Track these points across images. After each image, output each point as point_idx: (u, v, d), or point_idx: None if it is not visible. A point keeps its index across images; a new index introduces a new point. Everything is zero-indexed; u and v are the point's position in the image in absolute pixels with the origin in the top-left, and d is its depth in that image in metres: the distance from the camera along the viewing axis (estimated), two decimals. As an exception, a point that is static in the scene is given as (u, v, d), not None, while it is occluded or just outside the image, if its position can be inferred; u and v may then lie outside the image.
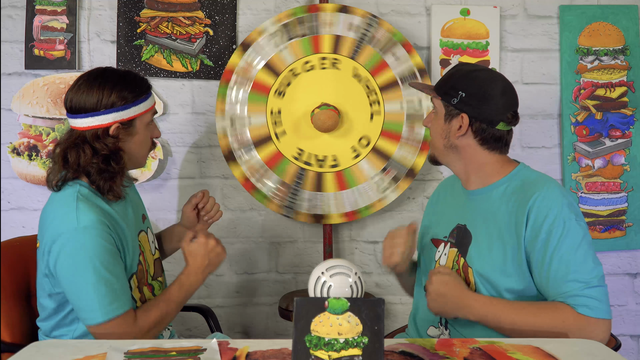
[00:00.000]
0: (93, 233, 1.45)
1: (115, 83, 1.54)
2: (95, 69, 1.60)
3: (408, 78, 2.25)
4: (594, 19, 2.39)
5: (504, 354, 1.23)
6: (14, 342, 1.63)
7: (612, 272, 2.48)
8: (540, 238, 1.41)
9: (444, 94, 1.54)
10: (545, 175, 1.53)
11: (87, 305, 1.46)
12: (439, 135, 1.57)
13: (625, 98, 2.41)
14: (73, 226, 1.45)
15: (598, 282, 1.38)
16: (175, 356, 1.21)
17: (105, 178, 1.53)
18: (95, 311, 1.45)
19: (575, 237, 1.40)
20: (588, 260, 1.40)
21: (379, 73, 2.24)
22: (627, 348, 2.51)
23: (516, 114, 1.53)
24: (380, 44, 2.24)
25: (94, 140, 1.53)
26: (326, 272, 1.23)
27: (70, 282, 1.47)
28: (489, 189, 1.54)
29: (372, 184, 2.26)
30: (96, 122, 1.53)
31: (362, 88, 2.25)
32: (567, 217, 1.41)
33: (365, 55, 2.24)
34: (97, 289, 1.45)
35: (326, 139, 2.25)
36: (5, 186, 2.34)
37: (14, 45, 2.32)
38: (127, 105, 1.54)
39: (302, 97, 2.25)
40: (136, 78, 1.59)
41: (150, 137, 1.65)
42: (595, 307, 1.36)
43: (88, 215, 1.46)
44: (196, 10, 2.32)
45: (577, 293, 1.37)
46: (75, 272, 1.46)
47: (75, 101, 1.54)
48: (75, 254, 1.45)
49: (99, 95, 1.52)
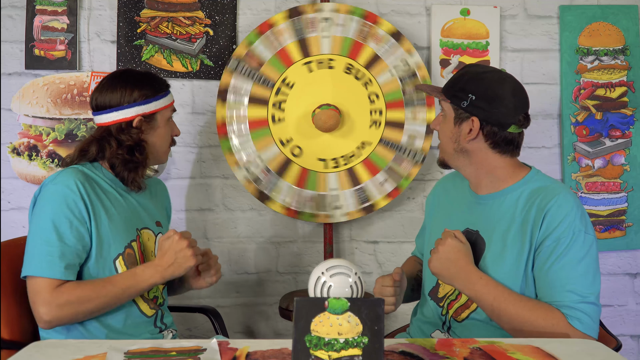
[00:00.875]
0: (60, 193, 1.53)
1: (137, 81, 1.66)
2: (117, 71, 1.75)
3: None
4: (594, 19, 2.39)
5: (504, 354, 1.23)
6: (13, 340, 1.64)
7: (612, 272, 2.47)
8: (547, 244, 1.41)
9: (453, 96, 1.51)
10: (559, 182, 1.52)
11: (27, 254, 1.53)
12: (449, 139, 1.53)
13: (625, 98, 2.41)
14: (47, 182, 1.56)
15: (594, 299, 1.38)
16: (175, 356, 1.21)
17: (129, 169, 1.64)
18: (26, 263, 1.52)
19: (581, 249, 1.39)
20: (589, 275, 1.39)
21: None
22: (627, 348, 2.51)
23: (527, 116, 1.50)
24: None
25: (119, 132, 1.64)
26: (326, 272, 1.23)
27: (29, 230, 1.56)
28: (501, 193, 1.51)
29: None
30: (120, 116, 1.64)
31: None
32: (578, 229, 1.40)
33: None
34: (36, 243, 1.51)
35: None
36: (5, 186, 2.34)
37: (14, 45, 2.32)
38: (148, 100, 1.66)
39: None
40: (155, 77, 1.72)
41: (171, 134, 1.74)
42: (586, 323, 1.36)
43: (65, 178, 1.55)
44: (196, 10, 2.32)
45: (572, 305, 1.37)
46: (32, 220, 1.55)
47: (100, 100, 1.65)
48: (38, 206, 1.55)
49: (122, 92, 1.64)
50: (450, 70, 2.35)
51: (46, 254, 1.49)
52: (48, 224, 1.51)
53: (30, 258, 1.51)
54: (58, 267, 1.49)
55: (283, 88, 2.25)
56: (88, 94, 2.28)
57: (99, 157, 1.65)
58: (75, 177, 1.55)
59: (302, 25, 2.24)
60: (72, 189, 1.53)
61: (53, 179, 1.55)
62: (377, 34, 2.25)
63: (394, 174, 2.26)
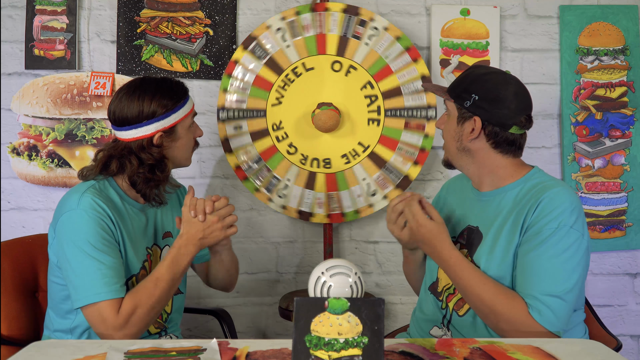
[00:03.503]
0: (89, 215, 1.49)
1: (155, 92, 1.60)
2: (133, 80, 1.66)
3: (412, 85, 2.25)
4: (594, 19, 2.39)
5: (504, 354, 1.23)
6: (12, 336, 1.65)
7: (612, 272, 2.48)
8: (531, 231, 1.42)
9: (457, 96, 1.54)
10: (560, 180, 1.53)
11: (76, 285, 1.48)
12: (452, 138, 1.57)
13: (625, 98, 2.41)
14: (72, 207, 1.51)
15: (562, 294, 1.37)
16: (175, 356, 1.21)
17: (151, 187, 1.61)
18: (81, 293, 1.46)
19: (561, 243, 1.39)
20: (564, 270, 1.39)
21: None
22: (627, 348, 2.51)
23: (530, 118, 1.53)
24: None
25: (140, 151, 1.60)
26: (326, 272, 1.23)
27: (65, 261, 1.50)
28: (501, 190, 1.54)
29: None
30: (140, 133, 1.59)
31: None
32: (564, 223, 1.40)
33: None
34: (83, 270, 1.47)
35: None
36: (5, 186, 2.34)
37: (14, 45, 2.32)
38: (167, 114, 1.60)
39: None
40: (172, 84, 1.66)
41: (193, 137, 1.71)
42: (546, 316, 1.36)
43: (89, 200, 1.51)
44: (196, 10, 2.32)
45: (536, 296, 1.37)
46: (66, 249, 1.49)
47: (118, 113, 1.60)
48: (70, 233, 1.49)
49: (139, 106, 1.59)
50: (450, 70, 2.35)
51: (100, 277, 1.46)
52: (88, 248, 1.47)
53: (82, 286, 1.46)
54: (114, 286, 1.47)
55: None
56: (88, 93, 2.28)
57: (118, 173, 1.61)
58: (99, 199, 1.52)
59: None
60: (99, 210, 1.51)
61: (76, 203, 1.51)
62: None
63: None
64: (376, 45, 2.25)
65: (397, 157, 2.25)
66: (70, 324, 1.59)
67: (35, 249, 1.81)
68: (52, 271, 1.60)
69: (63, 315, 1.60)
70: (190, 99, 1.69)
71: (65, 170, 2.30)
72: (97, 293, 1.45)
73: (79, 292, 1.47)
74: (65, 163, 2.30)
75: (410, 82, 2.24)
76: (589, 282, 2.45)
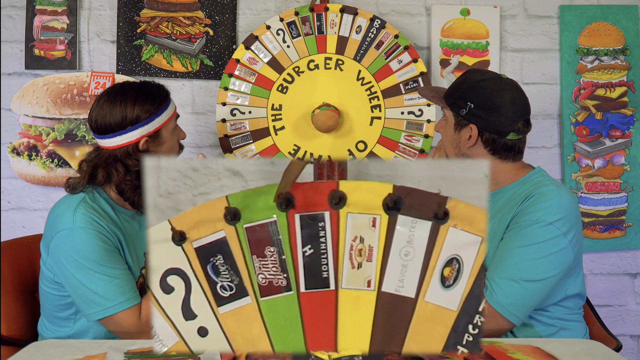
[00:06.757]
0: (88, 233, 1.48)
1: (136, 97, 1.57)
2: (113, 86, 1.63)
3: (410, 83, 2.25)
4: (594, 19, 2.39)
5: (504, 354, 1.23)
6: (11, 336, 1.65)
7: (612, 272, 2.47)
8: (513, 222, 1.44)
9: (453, 104, 1.53)
10: (559, 182, 1.54)
11: (91, 300, 1.46)
12: (450, 145, 1.57)
13: (625, 98, 2.41)
14: (68, 226, 1.48)
15: (520, 280, 1.37)
16: (175, 356, 1.21)
17: (139, 194, 1.56)
18: (96, 306, 1.46)
19: (535, 236, 1.39)
20: (528, 260, 1.39)
21: (382, 78, 2.25)
22: (627, 348, 2.50)
23: (528, 122, 1.52)
24: (385, 48, 2.24)
25: (126, 158, 1.56)
26: (326, 272, 1.23)
27: (72, 279, 1.48)
28: (500, 191, 1.54)
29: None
30: (125, 139, 1.56)
31: (364, 91, 2.25)
32: (543, 218, 1.40)
33: (369, 58, 2.24)
34: (98, 285, 1.46)
35: (326, 139, 2.25)
36: (5, 186, 2.34)
37: (14, 45, 2.32)
38: (151, 118, 1.57)
39: (303, 96, 2.25)
40: (153, 87, 1.62)
41: (177, 140, 1.69)
42: (496, 296, 1.37)
43: (84, 217, 1.49)
44: (196, 10, 2.32)
45: (494, 278, 1.39)
46: (76, 271, 1.47)
47: (100, 121, 1.57)
48: (72, 252, 1.47)
49: (122, 111, 1.55)
50: (450, 70, 2.35)
51: (114, 288, 1.45)
52: (95, 266, 1.46)
53: (98, 300, 1.46)
54: (130, 294, 1.47)
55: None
56: (88, 93, 2.28)
57: (105, 182, 1.59)
58: (93, 214, 1.51)
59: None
60: (96, 225, 1.49)
61: (71, 221, 1.49)
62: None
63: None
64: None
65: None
66: (68, 332, 1.59)
67: (35, 249, 1.80)
68: (45, 282, 1.59)
69: (59, 324, 1.60)
70: (172, 101, 1.66)
71: (65, 170, 2.30)
72: (115, 304, 1.45)
73: (94, 306, 1.46)
74: (65, 163, 2.30)
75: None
76: (589, 282, 2.45)
